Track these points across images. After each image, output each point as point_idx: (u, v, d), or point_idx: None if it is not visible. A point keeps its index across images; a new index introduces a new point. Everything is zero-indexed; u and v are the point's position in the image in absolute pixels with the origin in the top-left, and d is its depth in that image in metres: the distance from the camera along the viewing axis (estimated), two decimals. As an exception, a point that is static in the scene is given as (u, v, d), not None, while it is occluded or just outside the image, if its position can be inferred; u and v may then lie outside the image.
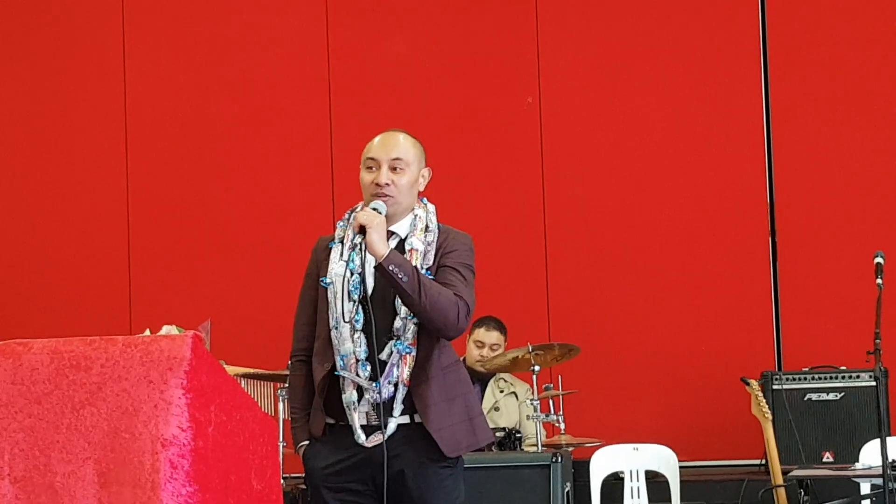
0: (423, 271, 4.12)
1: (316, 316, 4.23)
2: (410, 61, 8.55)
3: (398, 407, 4.10)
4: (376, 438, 4.07)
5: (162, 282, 8.53)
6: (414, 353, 4.12)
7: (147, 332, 4.17)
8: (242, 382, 6.41)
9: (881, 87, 8.11)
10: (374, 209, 4.11)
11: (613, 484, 7.13)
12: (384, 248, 4.03)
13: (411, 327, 4.11)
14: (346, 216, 4.28)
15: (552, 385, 6.92)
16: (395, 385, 4.09)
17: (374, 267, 4.05)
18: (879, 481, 5.84)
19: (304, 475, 4.27)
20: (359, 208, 4.20)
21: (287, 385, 4.37)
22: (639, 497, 7.03)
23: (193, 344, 3.53)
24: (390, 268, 4.00)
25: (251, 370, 6.51)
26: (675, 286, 8.17)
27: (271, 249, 8.46)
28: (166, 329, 4.17)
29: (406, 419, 4.12)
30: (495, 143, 8.44)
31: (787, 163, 8.16)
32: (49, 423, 3.51)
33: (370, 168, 4.21)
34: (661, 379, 8.10)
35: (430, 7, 8.57)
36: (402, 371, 4.10)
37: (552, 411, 6.86)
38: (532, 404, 6.58)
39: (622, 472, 7.11)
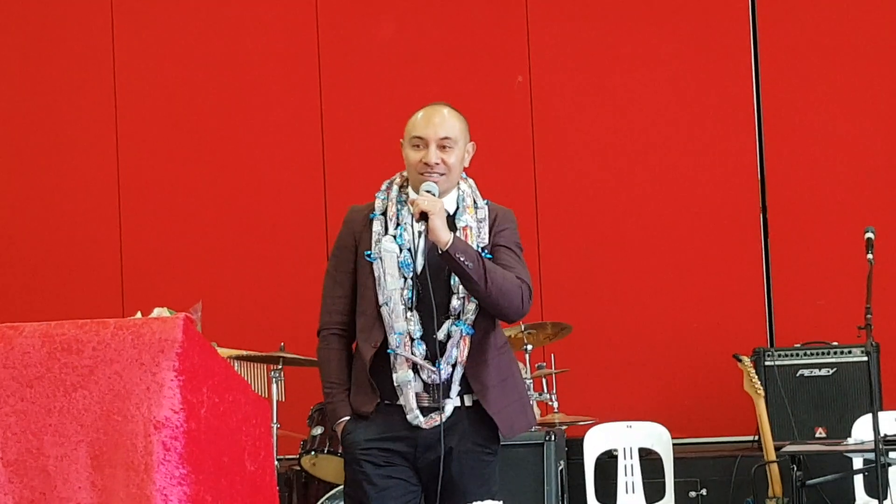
0: (479, 250, 4.02)
1: (354, 289, 4.13)
2: (400, 42, 8.53)
3: (455, 388, 4.03)
4: (433, 420, 4.01)
5: (153, 264, 8.51)
6: (473, 334, 4.05)
7: (138, 315, 4.16)
8: (235, 364, 6.40)
9: (871, 64, 8.10)
10: (429, 192, 4.01)
11: (607, 462, 7.15)
12: (447, 234, 3.94)
13: (471, 307, 4.03)
14: (385, 187, 4.17)
15: (545, 364, 6.94)
16: (453, 365, 4.02)
17: (439, 254, 3.95)
18: (872, 456, 5.86)
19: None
20: (395, 180, 4.14)
21: (318, 359, 4.21)
22: (632, 474, 7.05)
23: (185, 326, 3.52)
24: (456, 255, 3.91)
25: (243, 352, 6.50)
26: (667, 264, 8.17)
27: (262, 231, 8.44)
28: (157, 311, 4.16)
29: (459, 402, 4.06)
30: (486, 123, 8.40)
31: (777, 140, 8.16)
32: (41, 407, 3.50)
33: (416, 146, 4.08)
34: (654, 356, 8.11)
35: (419, -13, 8.56)
36: (461, 351, 4.02)
37: (545, 390, 6.88)
38: (525, 383, 6.59)
39: (616, 450, 7.13)
